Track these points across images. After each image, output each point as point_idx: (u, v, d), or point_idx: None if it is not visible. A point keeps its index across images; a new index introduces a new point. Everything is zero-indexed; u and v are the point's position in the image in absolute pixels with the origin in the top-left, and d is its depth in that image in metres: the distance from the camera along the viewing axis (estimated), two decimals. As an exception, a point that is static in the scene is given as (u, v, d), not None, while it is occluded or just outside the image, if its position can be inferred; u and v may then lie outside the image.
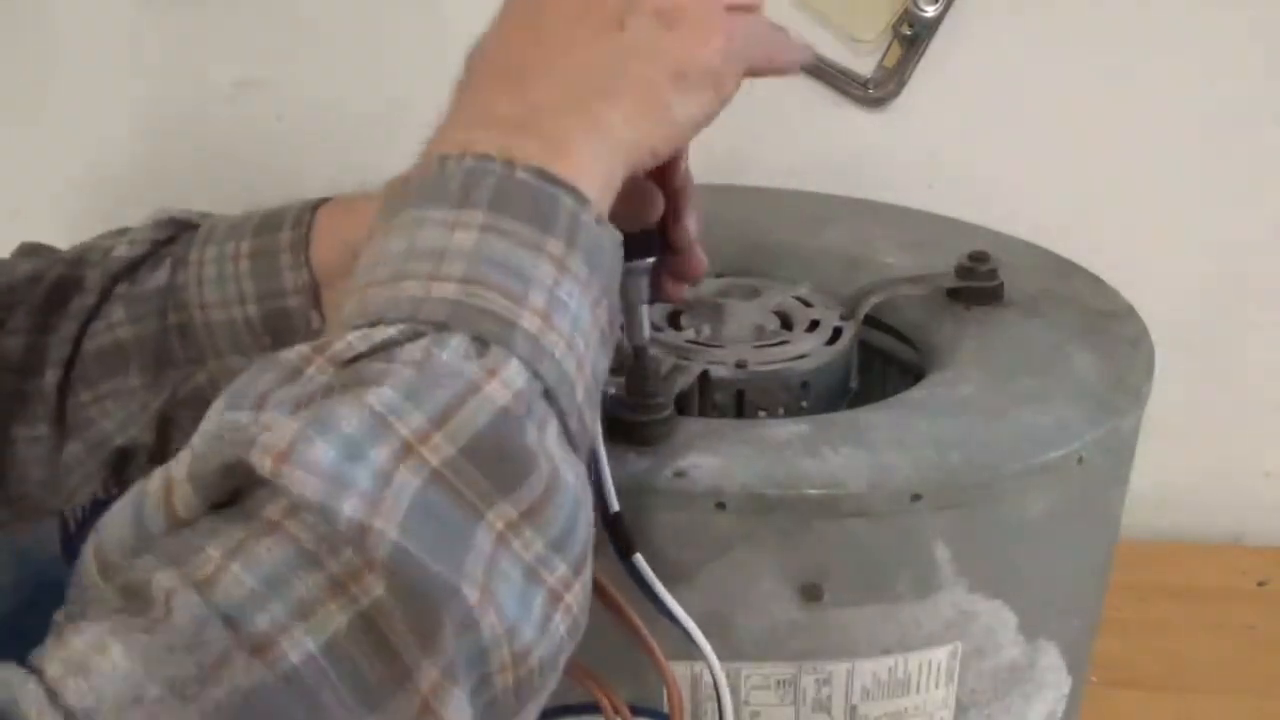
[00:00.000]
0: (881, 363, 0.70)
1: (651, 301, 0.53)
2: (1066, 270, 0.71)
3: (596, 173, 0.43)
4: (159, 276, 0.62)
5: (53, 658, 0.31)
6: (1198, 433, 0.96)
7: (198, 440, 0.35)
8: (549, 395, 0.38)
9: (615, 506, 0.48)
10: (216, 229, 0.63)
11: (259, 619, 0.31)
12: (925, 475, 0.50)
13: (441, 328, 0.37)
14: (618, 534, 0.48)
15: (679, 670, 0.50)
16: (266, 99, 0.98)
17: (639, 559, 0.48)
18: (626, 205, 0.45)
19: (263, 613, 0.31)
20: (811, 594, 0.50)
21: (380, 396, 0.34)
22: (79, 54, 0.98)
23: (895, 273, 0.70)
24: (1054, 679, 0.58)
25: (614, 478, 0.48)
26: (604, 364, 0.43)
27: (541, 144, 0.42)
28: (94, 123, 1.00)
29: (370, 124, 0.98)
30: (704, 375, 0.59)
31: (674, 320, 0.65)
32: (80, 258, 0.63)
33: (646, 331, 0.52)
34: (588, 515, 0.39)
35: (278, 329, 0.61)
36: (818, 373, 0.61)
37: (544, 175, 0.41)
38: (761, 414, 0.60)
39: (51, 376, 0.61)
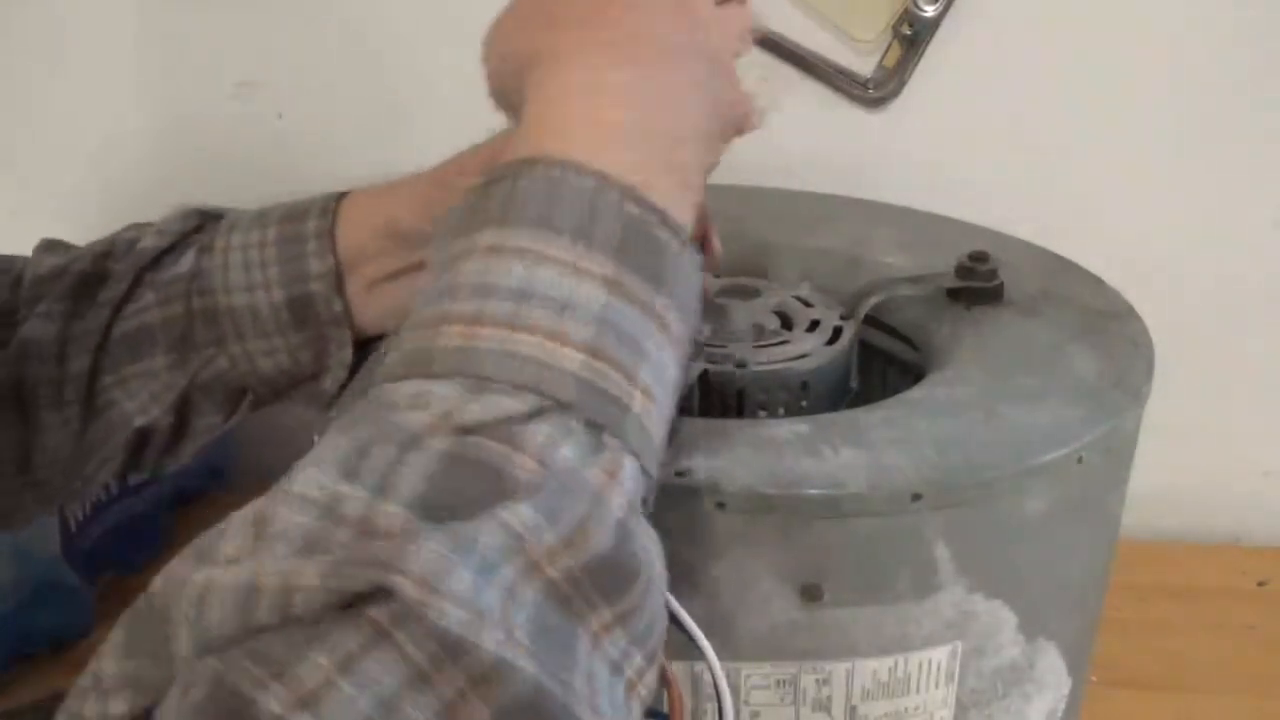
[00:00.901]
0: (881, 363, 0.70)
1: None
2: (1066, 270, 0.71)
3: (688, 214, 0.41)
4: (185, 262, 0.63)
5: None
6: (1198, 433, 0.96)
7: (306, 510, 0.32)
8: (645, 473, 0.37)
9: (615, 506, 0.48)
10: (243, 217, 0.64)
11: None
12: (925, 475, 0.50)
13: (565, 407, 0.35)
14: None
15: (679, 670, 0.50)
16: (266, 99, 0.98)
17: (639, 559, 0.48)
18: None
19: None
20: (811, 594, 0.50)
21: (518, 515, 0.32)
22: (80, 54, 0.98)
23: (895, 273, 0.70)
24: (1054, 679, 0.58)
25: (614, 478, 0.48)
26: (674, 407, 0.41)
27: (663, 175, 0.39)
28: (95, 122, 1.00)
29: (370, 124, 0.98)
30: (704, 375, 0.59)
31: (674, 320, 0.65)
32: (105, 251, 0.64)
33: None
34: (663, 604, 0.38)
35: (300, 313, 0.63)
36: (818, 373, 0.61)
37: (658, 214, 0.38)
38: (762, 414, 0.60)
39: (81, 363, 0.62)
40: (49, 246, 0.66)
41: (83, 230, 0.66)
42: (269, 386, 0.65)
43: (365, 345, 0.64)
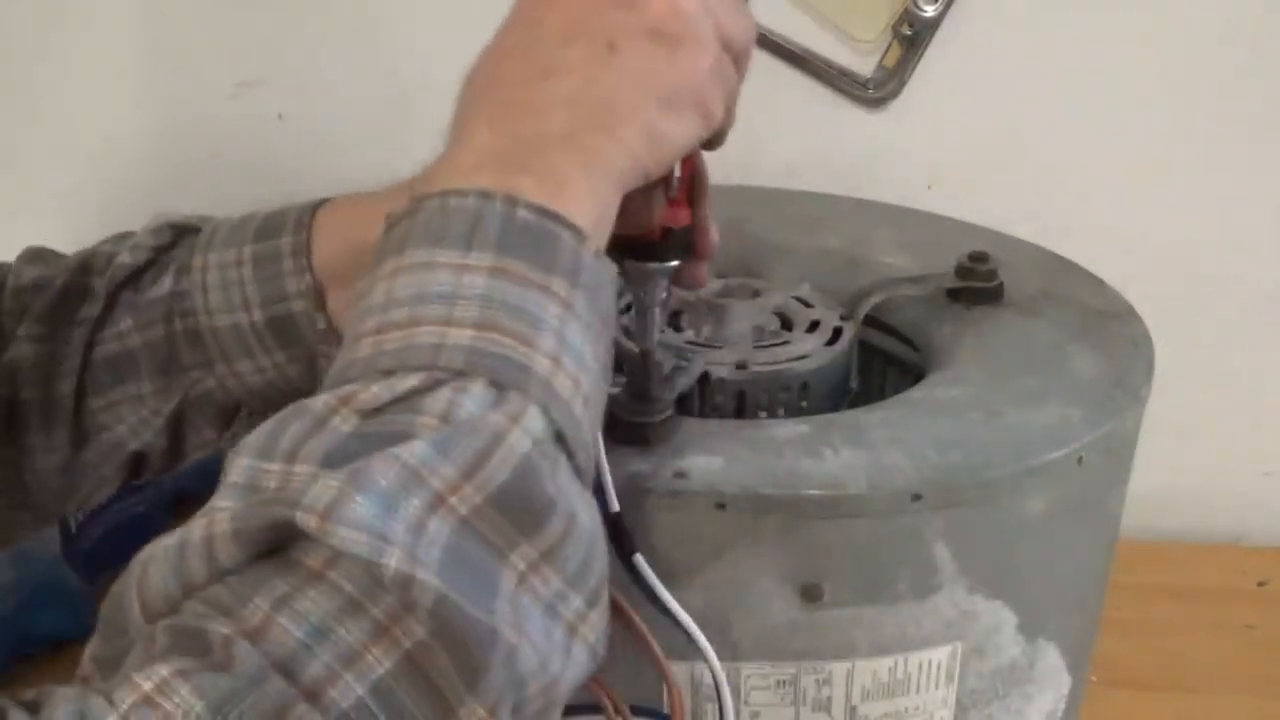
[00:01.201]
0: (881, 363, 0.70)
1: (670, 291, 0.53)
2: (1066, 270, 0.71)
3: (592, 206, 0.43)
4: (163, 284, 0.62)
5: (122, 697, 0.32)
6: (1198, 433, 0.96)
7: (231, 493, 0.36)
8: (560, 437, 0.39)
9: (615, 506, 0.48)
10: (217, 234, 0.63)
11: (311, 667, 0.33)
12: (925, 475, 0.50)
13: (460, 374, 0.38)
14: (618, 534, 0.48)
15: (679, 670, 0.50)
16: (266, 99, 0.98)
17: (639, 559, 0.48)
18: (633, 211, 0.46)
19: (314, 661, 0.33)
20: (811, 594, 0.50)
21: (412, 451, 0.36)
22: (81, 54, 0.98)
23: (895, 273, 0.70)
24: (1054, 679, 0.58)
25: (614, 478, 0.48)
26: (604, 397, 0.44)
27: (537, 180, 0.42)
28: (95, 122, 1.00)
29: (370, 124, 0.98)
30: (704, 376, 0.59)
31: (674, 321, 0.65)
32: (85, 264, 0.63)
33: (655, 335, 0.53)
34: (602, 550, 0.40)
35: (283, 333, 0.61)
36: (818, 373, 0.61)
37: (545, 213, 0.42)
38: (762, 414, 0.61)
39: (66, 385, 0.61)
40: (32, 256, 0.65)
41: (83, 229, 0.66)
42: (263, 400, 0.64)
43: None
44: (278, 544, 0.35)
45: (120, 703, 0.32)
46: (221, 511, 0.35)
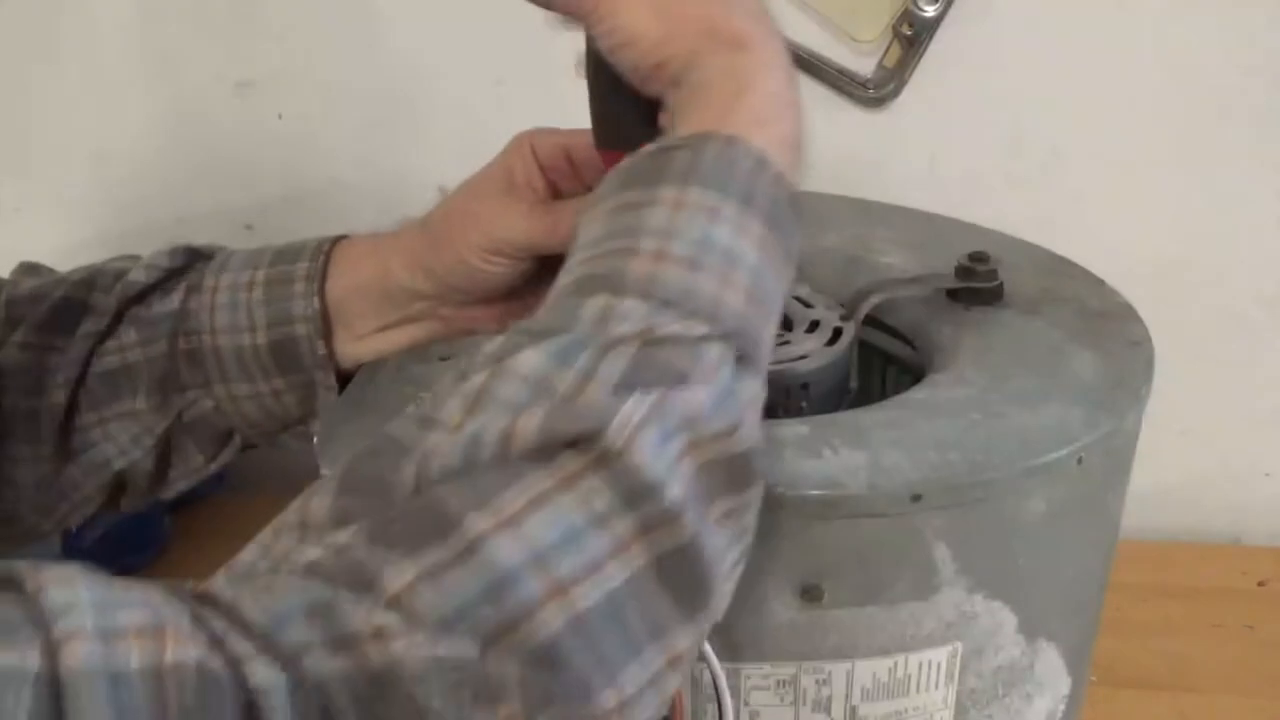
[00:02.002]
0: (881, 363, 0.70)
1: None
2: (1066, 270, 0.71)
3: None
4: (171, 301, 0.62)
5: (367, 601, 0.34)
6: (1198, 433, 0.96)
7: (522, 387, 0.39)
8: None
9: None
10: (233, 258, 0.63)
11: (561, 568, 0.36)
12: (925, 476, 0.50)
13: (727, 337, 0.41)
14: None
15: (679, 670, 0.50)
16: (266, 99, 0.98)
17: (639, 559, 0.48)
18: None
19: (563, 563, 0.36)
20: (812, 594, 0.50)
21: (698, 399, 0.39)
22: (81, 54, 0.98)
23: (895, 273, 0.70)
24: (1054, 679, 0.58)
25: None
26: None
27: (794, 159, 0.47)
28: (95, 122, 1.00)
29: (370, 124, 0.98)
30: (704, 375, 0.59)
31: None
32: (87, 280, 0.63)
33: None
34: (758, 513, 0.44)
35: (283, 357, 0.61)
36: (818, 373, 0.61)
37: (793, 198, 0.46)
38: (761, 414, 0.60)
39: (58, 397, 0.61)
40: (29, 269, 0.65)
41: (83, 229, 0.66)
42: (255, 429, 0.64)
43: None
44: (556, 451, 0.37)
45: (371, 595, 0.34)
46: (529, 410, 0.38)
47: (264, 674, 0.33)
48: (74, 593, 0.32)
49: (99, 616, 0.32)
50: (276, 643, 0.33)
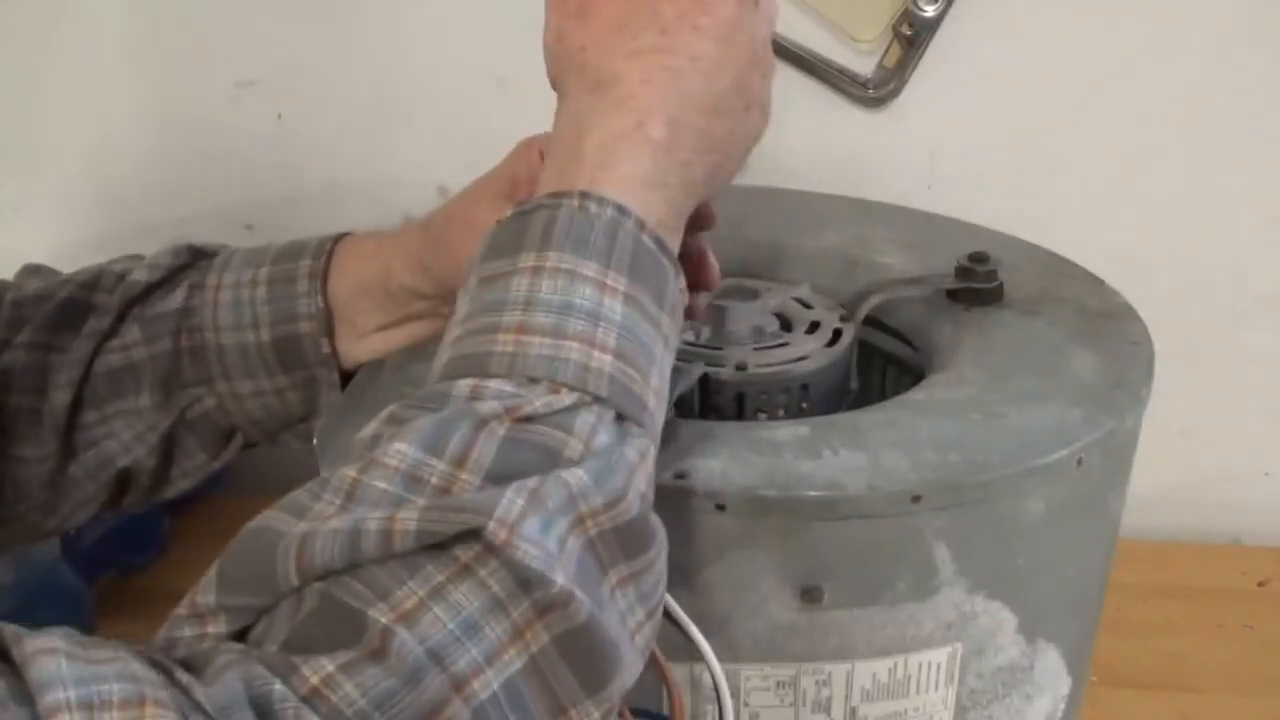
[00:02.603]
0: (881, 363, 0.70)
1: None
2: (1066, 270, 0.71)
3: (677, 241, 0.47)
4: (174, 299, 0.62)
5: (294, 685, 0.35)
6: (1198, 433, 0.96)
7: (394, 479, 0.39)
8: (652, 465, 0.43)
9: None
10: (236, 256, 0.63)
11: (461, 659, 0.36)
12: (925, 476, 0.50)
13: (600, 401, 0.41)
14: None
15: (679, 671, 0.50)
16: (266, 99, 0.98)
17: (639, 560, 0.48)
18: None
19: (464, 654, 0.36)
20: (811, 595, 0.50)
21: (577, 478, 0.39)
22: (81, 53, 0.98)
23: (895, 273, 0.70)
24: (1054, 679, 0.58)
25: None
26: None
27: (667, 210, 0.46)
28: (95, 122, 1.00)
29: (370, 124, 0.98)
30: (704, 378, 0.59)
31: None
32: (91, 281, 0.63)
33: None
34: (664, 569, 0.43)
35: (287, 355, 0.61)
36: (818, 374, 0.61)
37: (661, 245, 0.45)
38: (761, 416, 0.60)
39: (62, 396, 0.61)
40: (33, 271, 0.65)
41: (83, 229, 0.66)
42: (258, 427, 0.64)
43: None
44: (445, 543, 0.37)
45: (295, 689, 0.35)
46: (406, 507, 0.38)
47: None
48: (57, 664, 0.33)
49: (80, 689, 0.33)
50: None
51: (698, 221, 0.51)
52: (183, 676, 0.35)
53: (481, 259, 0.45)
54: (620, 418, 0.42)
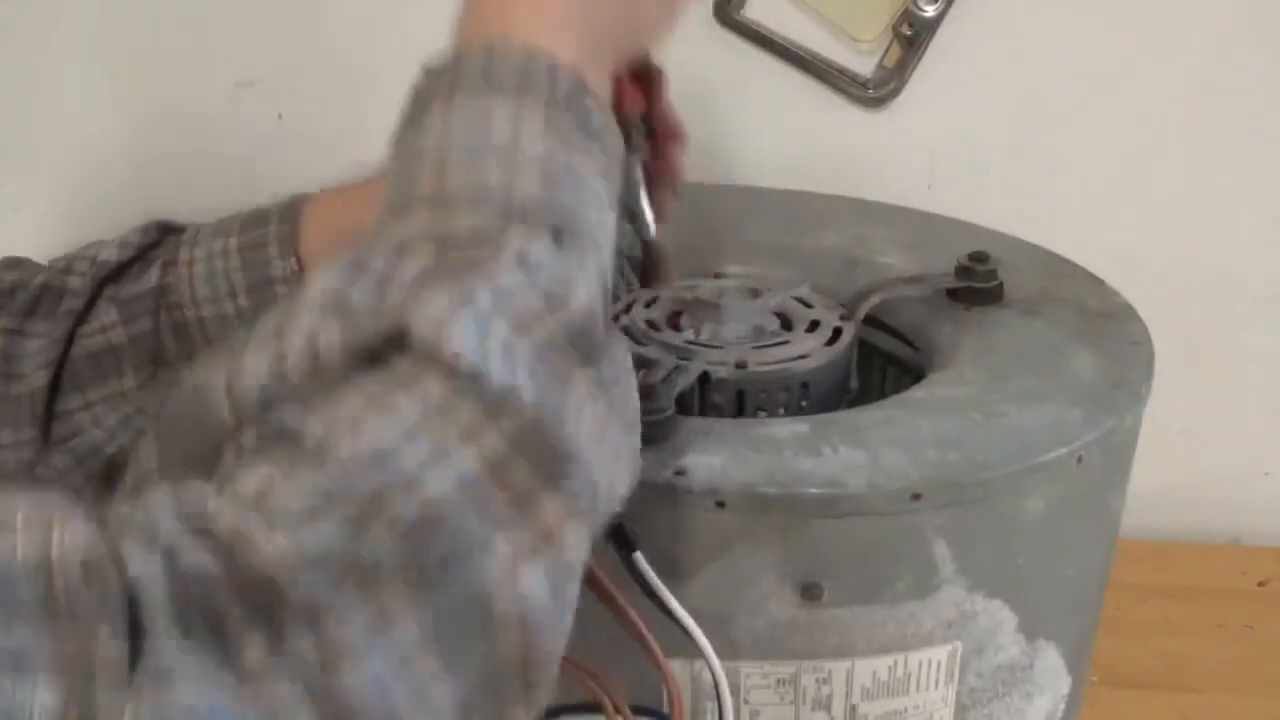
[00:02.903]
0: (881, 363, 0.70)
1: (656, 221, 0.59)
2: (1066, 270, 0.71)
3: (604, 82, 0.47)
4: (149, 278, 0.62)
5: (225, 496, 0.33)
6: (1198, 433, 0.96)
7: (319, 306, 0.37)
8: (601, 275, 0.42)
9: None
10: (204, 229, 0.64)
11: (405, 461, 0.34)
12: (925, 475, 0.50)
13: (530, 217, 0.40)
14: (618, 532, 0.48)
15: (679, 669, 0.50)
16: (266, 99, 0.98)
17: (639, 558, 0.48)
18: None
19: (407, 456, 0.34)
20: (811, 593, 0.50)
21: (505, 279, 0.38)
22: (80, 53, 0.98)
23: (895, 273, 0.70)
24: (1054, 679, 0.58)
25: (614, 477, 0.48)
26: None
27: (582, 51, 0.45)
28: (95, 122, 1.00)
29: (370, 124, 0.98)
30: (704, 375, 0.59)
31: (674, 321, 0.65)
32: (64, 267, 0.63)
33: (650, 225, 0.59)
34: (634, 388, 0.43)
35: None
36: (817, 373, 0.61)
37: (582, 85, 0.44)
38: (761, 414, 0.60)
39: (39, 379, 0.61)
40: (11, 264, 0.65)
41: (82, 229, 0.66)
42: None
43: None
44: (378, 355, 0.36)
45: (233, 496, 0.33)
46: (327, 321, 0.37)
47: (140, 564, 0.31)
48: None
49: None
50: (155, 538, 0.32)
51: (647, 80, 0.54)
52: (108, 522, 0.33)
53: (397, 133, 0.45)
54: (557, 234, 0.41)
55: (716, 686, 0.49)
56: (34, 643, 0.28)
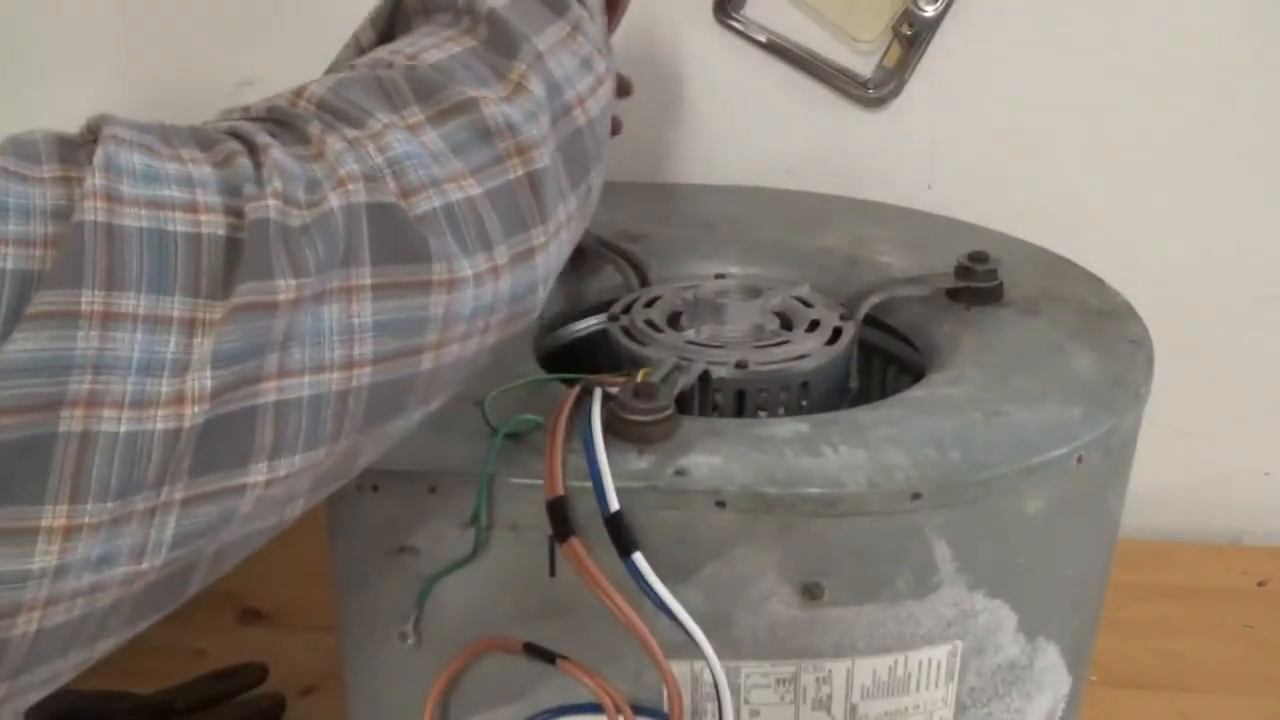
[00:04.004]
0: (881, 362, 0.70)
1: None
2: (1066, 270, 0.71)
3: None
4: None
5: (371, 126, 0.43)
6: (1198, 433, 0.96)
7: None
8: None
9: (615, 505, 0.48)
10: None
11: (422, 52, 0.47)
12: (925, 474, 0.50)
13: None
14: (618, 533, 0.48)
15: (679, 669, 0.50)
16: (267, 99, 0.98)
17: (639, 558, 0.48)
18: None
19: (428, 51, 0.47)
20: (811, 593, 0.50)
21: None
22: (80, 52, 0.98)
23: (895, 273, 0.70)
24: (1054, 678, 0.58)
25: (614, 477, 0.48)
26: None
27: None
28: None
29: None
30: (704, 375, 0.59)
31: (674, 320, 0.66)
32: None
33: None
34: (601, 34, 0.53)
35: None
36: (818, 372, 0.61)
37: None
38: (762, 413, 0.61)
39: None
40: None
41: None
42: None
43: None
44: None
45: (313, 153, 0.42)
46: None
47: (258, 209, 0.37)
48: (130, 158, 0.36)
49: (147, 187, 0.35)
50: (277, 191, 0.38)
51: None
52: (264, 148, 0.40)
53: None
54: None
55: (716, 686, 0.50)
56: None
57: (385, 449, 0.44)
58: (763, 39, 0.89)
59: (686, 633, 0.48)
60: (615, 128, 0.69)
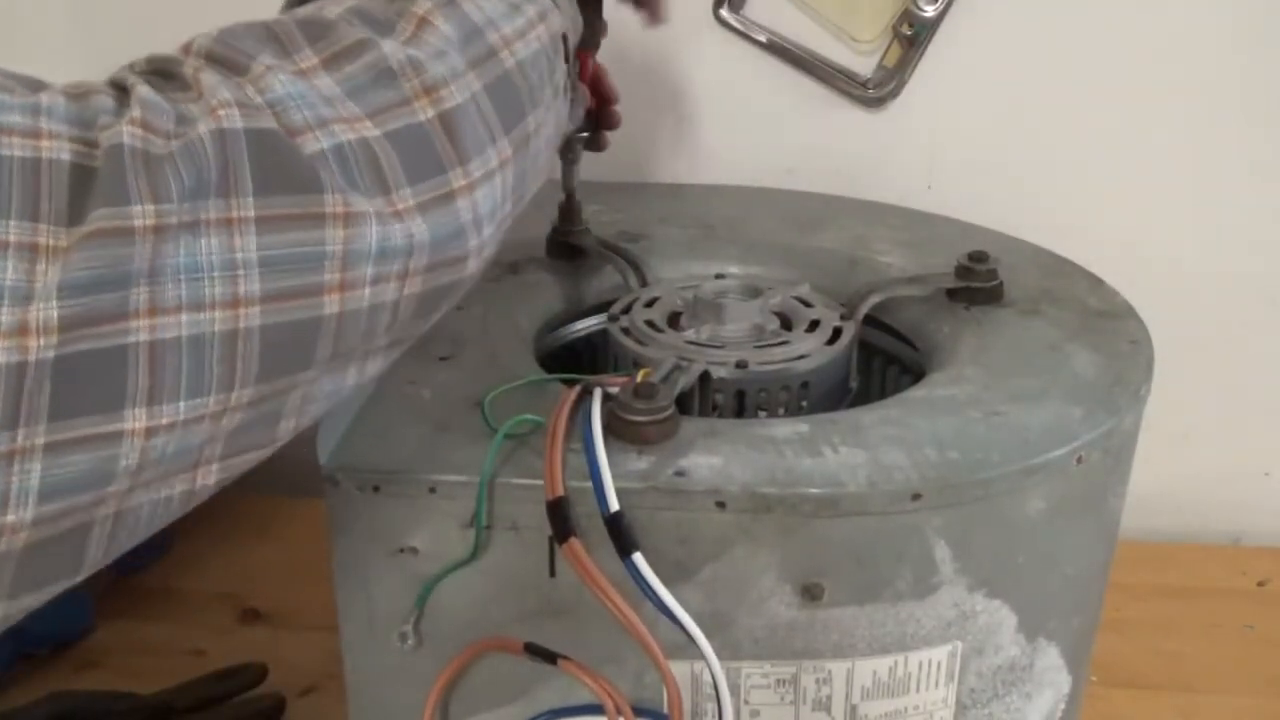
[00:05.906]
0: (881, 362, 0.70)
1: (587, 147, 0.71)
2: (1066, 270, 0.71)
3: None
4: None
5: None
6: (1198, 433, 0.96)
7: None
8: None
9: (615, 506, 0.48)
10: None
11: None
12: (925, 474, 0.50)
13: None
14: (618, 533, 0.48)
15: (679, 670, 0.50)
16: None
17: (639, 558, 0.48)
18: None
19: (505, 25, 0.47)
20: (811, 593, 0.50)
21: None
22: (79, 51, 0.98)
23: (895, 273, 0.70)
24: (1054, 679, 0.58)
25: (614, 477, 0.48)
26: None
27: None
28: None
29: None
30: (704, 375, 0.59)
31: (674, 320, 0.66)
32: None
33: (575, 182, 0.71)
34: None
35: None
36: (818, 372, 0.61)
37: None
38: (761, 413, 0.61)
39: None
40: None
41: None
42: None
43: None
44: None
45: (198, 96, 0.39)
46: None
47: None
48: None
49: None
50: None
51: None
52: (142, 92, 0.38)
53: None
54: None
55: (716, 686, 0.50)
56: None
57: (315, 412, 0.41)
58: (763, 39, 0.89)
59: (686, 633, 0.48)
60: (614, 124, 0.70)
